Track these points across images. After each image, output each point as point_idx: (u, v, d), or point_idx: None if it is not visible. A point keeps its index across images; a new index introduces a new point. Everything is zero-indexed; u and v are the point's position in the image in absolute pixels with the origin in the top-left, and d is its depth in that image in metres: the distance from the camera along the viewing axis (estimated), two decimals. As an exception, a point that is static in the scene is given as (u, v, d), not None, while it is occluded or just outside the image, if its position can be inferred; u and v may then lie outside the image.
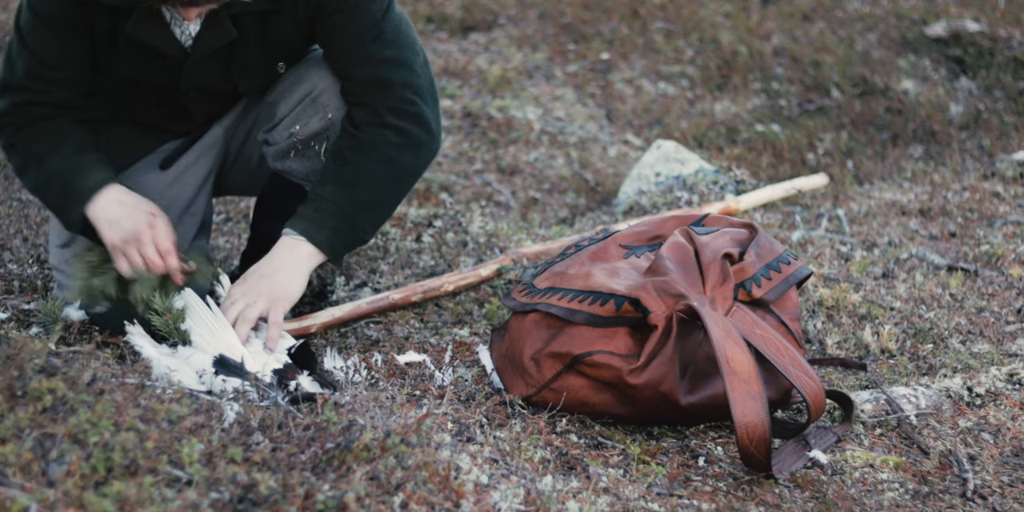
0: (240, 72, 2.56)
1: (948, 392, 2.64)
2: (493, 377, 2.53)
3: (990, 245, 3.55)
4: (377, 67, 2.52)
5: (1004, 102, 5.25)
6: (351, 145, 2.55)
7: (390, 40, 2.52)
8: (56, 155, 2.50)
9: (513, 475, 2.07)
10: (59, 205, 2.51)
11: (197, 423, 1.88)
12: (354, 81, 2.55)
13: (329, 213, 2.52)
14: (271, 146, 2.69)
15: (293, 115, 2.64)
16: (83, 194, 2.46)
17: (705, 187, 4.01)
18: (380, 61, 2.52)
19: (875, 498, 2.25)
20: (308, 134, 2.63)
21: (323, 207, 2.52)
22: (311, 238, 2.51)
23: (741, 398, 2.17)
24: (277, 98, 2.66)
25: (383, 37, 2.51)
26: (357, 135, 2.55)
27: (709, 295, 2.35)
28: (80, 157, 2.50)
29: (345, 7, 2.47)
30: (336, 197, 2.52)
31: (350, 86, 2.56)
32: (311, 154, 2.66)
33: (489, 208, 4.16)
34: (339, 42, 2.52)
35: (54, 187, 2.49)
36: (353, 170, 2.53)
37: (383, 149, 2.54)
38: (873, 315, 3.05)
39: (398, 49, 2.53)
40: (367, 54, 2.51)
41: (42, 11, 2.42)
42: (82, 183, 2.47)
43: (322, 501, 1.71)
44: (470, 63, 5.31)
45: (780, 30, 5.81)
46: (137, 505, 1.61)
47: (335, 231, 2.53)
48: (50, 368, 1.92)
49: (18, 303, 2.74)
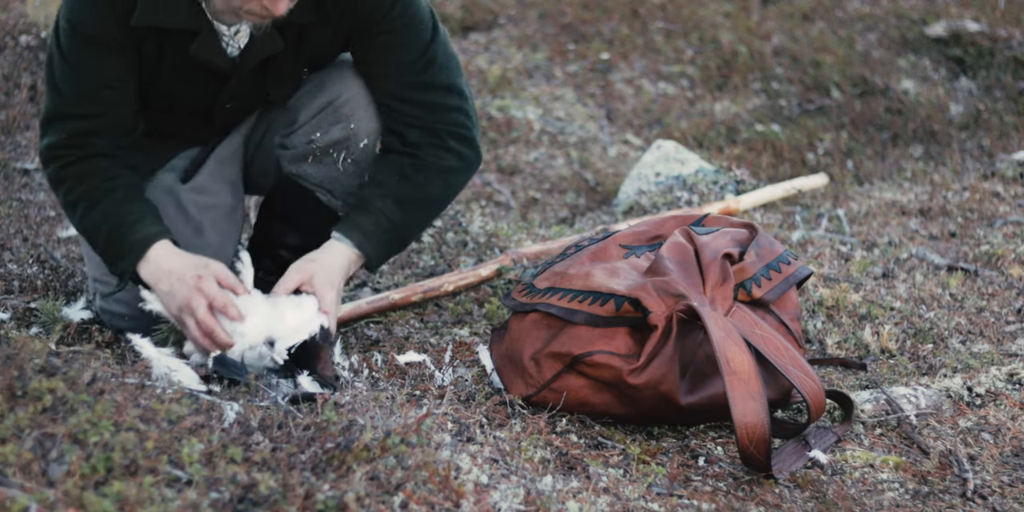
0: (274, 82, 2.56)
1: (948, 392, 2.64)
2: (493, 377, 2.53)
3: (990, 245, 3.55)
4: (433, 93, 2.53)
5: (1004, 102, 5.25)
6: (413, 164, 2.56)
7: (443, 65, 2.53)
8: (108, 199, 2.47)
9: (513, 475, 2.07)
10: (107, 253, 2.49)
11: (197, 423, 1.88)
12: (407, 103, 2.55)
13: (384, 229, 2.54)
14: (287, 150, 2.68)
15: (314, 122, 2.63)
16: (134, 248, 2.44)
17: (705, 187, 4.01)
18: (435, 87, 2.53)
19: (875, 498, 2.25)
20: (328, 142, 2.63)
21: (381, 222, 2.54)
22: (364, 251, 2.53)
23: (741, 398, 2.17)
24: (297, 104, 2.65)
25: (436, 62, 2.51)
26: (419, 156, 2.55)
27: (709, 295, 2.35)
28: (131, 206, 2.47)
29: (393, 28, 2.46)
30: (395, 215, 2.54)
31: (403, 107, 2.56)
32: (328, 161, 2.65)
33: (489, 208, 4.16)
34: (389, 63, 2.51)
35: (102, 232, 2.47)
36: (413, 189, 2.55)
37: (443, 173, 2.56)
38: (873, 315, 3.05)
39: (450, 74, 2.54)
40: (422, 80, 2.52)
41: (90, 30, 2.38)
42: (132, 235, 2.45)
43: (322, 501, 1.71)
44: (470, 63, 5.31)
45: (780, 30, 5.81)
46: (137, 505, 1.61)
47: (386, 246, 2.56)
48: (50, 368, 1.92)
49: (18, 303, 2.74)
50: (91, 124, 2.47)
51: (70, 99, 2.45)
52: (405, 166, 2.56)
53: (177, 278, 2.41)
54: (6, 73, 4.18)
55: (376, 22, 2.45)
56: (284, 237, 2.82)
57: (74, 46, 2.40)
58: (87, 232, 2.51)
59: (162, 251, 2.44)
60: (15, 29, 4.35)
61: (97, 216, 2.47)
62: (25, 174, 3.70)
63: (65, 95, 2.45)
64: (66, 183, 2.50)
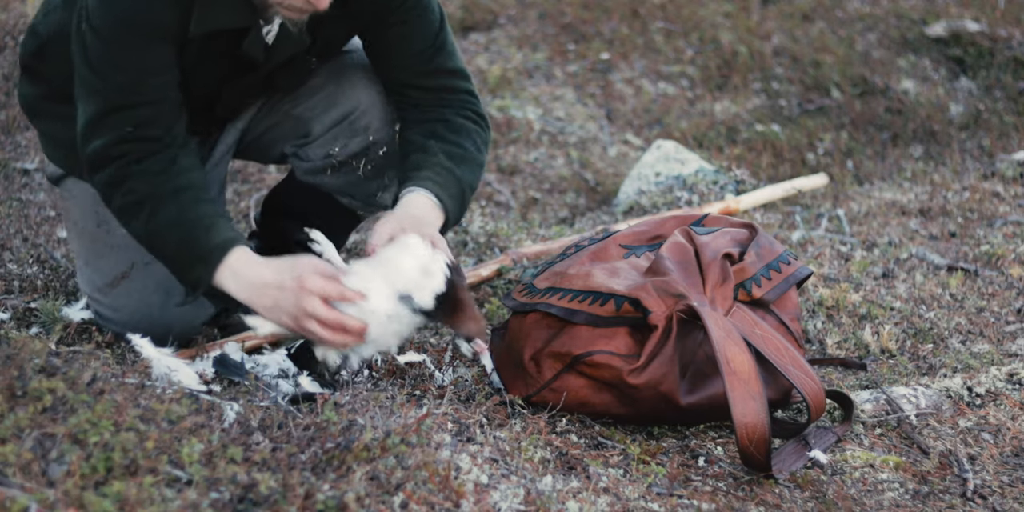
0: (287, 74, 2.53)
1: (948, 392, 2.64)
2: (493, 377, 2.52)
3: (990, 245, 3.55)
4: (445, 78, 2.52)
5: (1004, 102, 5.25)
6: (445, 125, 2.49)
7: (451, 51, 2.52)
8: (173, 201, 2.28)
9: (513, 475, 2.07)
10: (178, 258, 2.30)
11: (197, 423, 1.88)
12: (420, 89, 2.53)
13: (452, 182, 2.41)
14: (304, 162, 2.65)
15: (330, 135, 2.61)
16: (211, 254, 2.25)
17: (705, 187, 4.01)
18: (447, 72, 2.52)
19: (875, 498, 2.25)
20: (348, 155, 2.61)
21: (444, 175, 2.40)
22: (443, 203, 2.38)
23: (741, 398, 2.17)
24: (309, 114, 2.61)
25: (445, 48, 2.51)
26: (445, 119, 2.49)
27: (709, 295, 2.35)
28: (201, 208, 2.29)
29: (408, 18, 2.44)
30: (453, 169, 2.42)
31: (416, 93, 2.53)
32: (348, 170, 2.64)
33: (489, 208, 4.15)
34: (403, 53, 2.49)
35: (171, 240, 2.28)
36: (454, 146, 2.46)
37: (471, 134, 2.51)
38: (873, 315, 3.05)
39: (457, 59, 2.54)
40: (434, 66, 2.50)
41: (144, 26, 2.24)
42: (207, 241, 2.26)
43: (322, 501, 1.71)
44: (470, 63, 5.31)
45: (780, 30, 5.81)
46: (137, 505, 1.61)
47: (456, 200, 2.42)
48: (50, 368, 1.92)
49: (18, 303, 2.74)
50: (152, 111, 2.30)
51: (124, 89, 2.27)
52: (438, 128, 2.49)
53: (276, 288, 2.21)
54: (6, 73, 4.18)
55: (392, 12, 2.43)
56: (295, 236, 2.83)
57: (123, 38, 2.25)
58: (154, 236, 2.31)
59: (244, 258, 2.25)
60: (15, 29, 4.35)
61: (168, 217, 2.27)
62: (25, 174, 3.70)
63: (116, 86, 2.27)
64: (121, 186, 2.30)
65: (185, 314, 2.58)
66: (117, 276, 2.58)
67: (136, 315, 2.54)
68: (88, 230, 2.61)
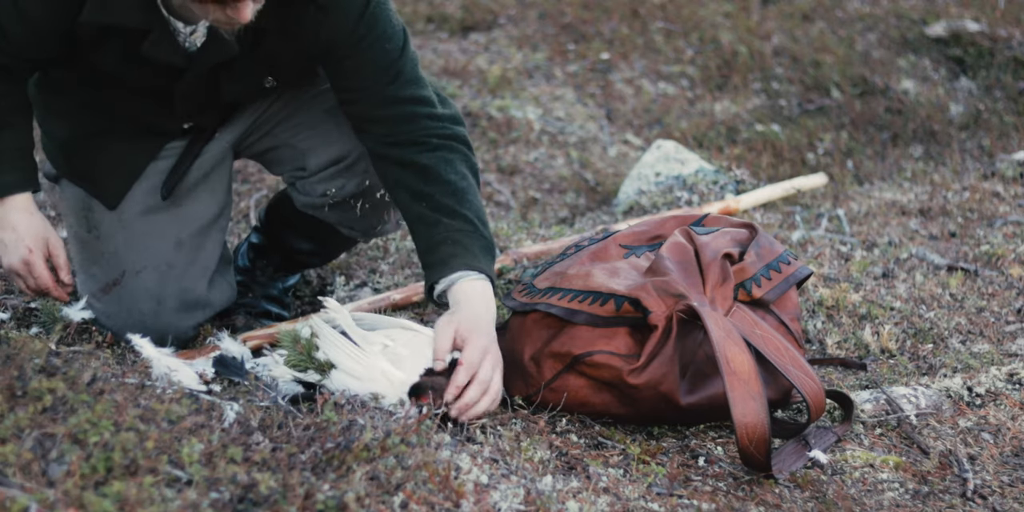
0: (228, 81, 2.45)
1: (948, 392, 2.64)
2: (493, 377, 2.52)
3: (990, 245, 3.55)
4: (402, 106, 2.42)
5: (1004, 102, 5.25)
6: (418, 175, 2.42)
7: (410, 80, 2.43)
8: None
9: (513, 475, 2.07)
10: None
11: (197, 423, 1.88)
12: (379, 123, 2.44)
13: (472, 237, 2.38)
14: (301, 195, 2.65)
15: (326, 175, 2.58)
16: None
17: (705, 187, 4.01)
18: (404, 101, 2.42)
19: (875, 498, 2.25)
20: (344, 196, 2.60)
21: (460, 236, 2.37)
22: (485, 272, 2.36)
23: (741, 398, 2.17)
24: (306, 146, 2.59)
25: (402, 77, 2.41)
26: (417, 163, 2.42)
27: (709, 295, 2.35)
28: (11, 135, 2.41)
29: (358, 51, 2.37)
30: (459, 222, 2.38)
31: (376, 128, 2.45)
32: (347, 208, 2.63)
33: (489, 208, 4.16)
34: (356, 86, 2.42)
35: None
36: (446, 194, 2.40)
37: (448, 164, 2.42)
38: (873, 315, 3.05)
39: (417, 87, 2.44)
40: (388, 94, 2.41)
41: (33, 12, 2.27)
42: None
43: (322, 501, 1.71)
44: (470, 63, 5.31)
45: (780, 30, 5.81)
46: (137, 505, 1.61)
47: (487, 252, 2.40)
48: (50, 368, 1.92)
49: (18, 303, 2.74)
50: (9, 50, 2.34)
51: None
52: (413, 182, 2.42)
53: (14, 239, 2.41)
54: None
55: (338, 46, 2.36)
56: (298, 244, 2.83)
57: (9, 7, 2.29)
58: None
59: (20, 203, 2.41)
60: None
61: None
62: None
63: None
64: None
65: (177, 321, 2.58)
66: (108, 283, 2.59)
67: (129, 322, 2.54)
68: (80, 235, 2.62)
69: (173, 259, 2.58)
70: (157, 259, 2.57)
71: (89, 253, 2.61)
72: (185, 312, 2.60)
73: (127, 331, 2.45)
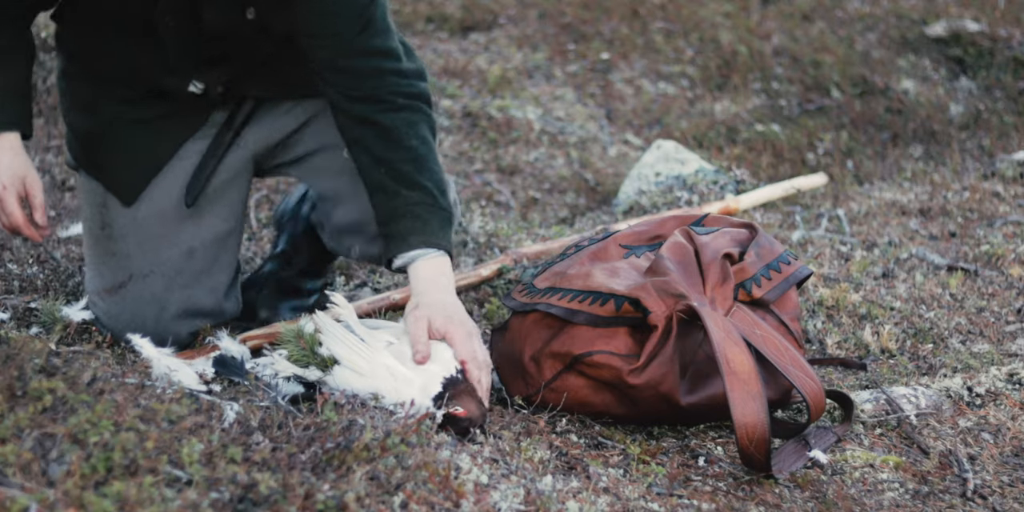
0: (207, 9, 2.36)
1: (948, 392, 2.64)
2: (493, 377, 2.52)
3: (990, 245, 3.55)
4: (370, 59, 2.39)
5: (1004, 102, 5.25)
6: (377, 134, 2.40)
7: (380, 30, 2.39)
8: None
9: (513, 475, 2.07)
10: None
11: (197, 423, 1.88)
12: (345, 74, 2.40)
13: (430, 210, 2.39)
14: (326, 238, 2.69)
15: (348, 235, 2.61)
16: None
17: (705, 187, 4.01)
18: (372, 52, 2.39)
19: (875, 498, 2.25)
20: (366, 256, 2.64)
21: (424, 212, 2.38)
22: (443, 248, 2.38)
23: (741, 398, 2.17)
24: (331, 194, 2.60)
25: (372, 26, 2.38)
26: (377, 122, 2.40)
27: (709, 295, 2.35)
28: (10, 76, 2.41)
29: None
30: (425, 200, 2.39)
31: (341, 79, 2.41)
32: (368, 258, 2.66)
33: (489, 208, 4.16)
34: (326, 30, 2.37)
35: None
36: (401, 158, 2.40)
37: (410, 127, 2.41)
38: (873, 315, 3.05)
39: (385, 38, 2.40)
40: (358, 45, 2.37)
41: None
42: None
43: (322, 501, 1.71)
44: (470, 63, 5.31)
45: (780, 30, 5.81)
46: (137, 505, 1.61)
47: (446, 227, 2.41)
48: (50, 368, 1.92)
49: (18, 303, 2.74)
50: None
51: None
52: (373, 143, 2.40)
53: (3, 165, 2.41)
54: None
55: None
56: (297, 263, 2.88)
57: None
58: None
59: (5, 142, 2.42)
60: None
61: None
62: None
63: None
64: None
65: (177, 327, 2.58)
66: (115, 284, 2.59)
67: (131, 325, 2.54)
68: (94, 231, 2.61)
69: (182, 266, 2.57)
70: (166, 265, 2.57)
71: (100, 250, 2.61)
72: (186, 319, 2.60)
73: (127, 332, 2.45)
